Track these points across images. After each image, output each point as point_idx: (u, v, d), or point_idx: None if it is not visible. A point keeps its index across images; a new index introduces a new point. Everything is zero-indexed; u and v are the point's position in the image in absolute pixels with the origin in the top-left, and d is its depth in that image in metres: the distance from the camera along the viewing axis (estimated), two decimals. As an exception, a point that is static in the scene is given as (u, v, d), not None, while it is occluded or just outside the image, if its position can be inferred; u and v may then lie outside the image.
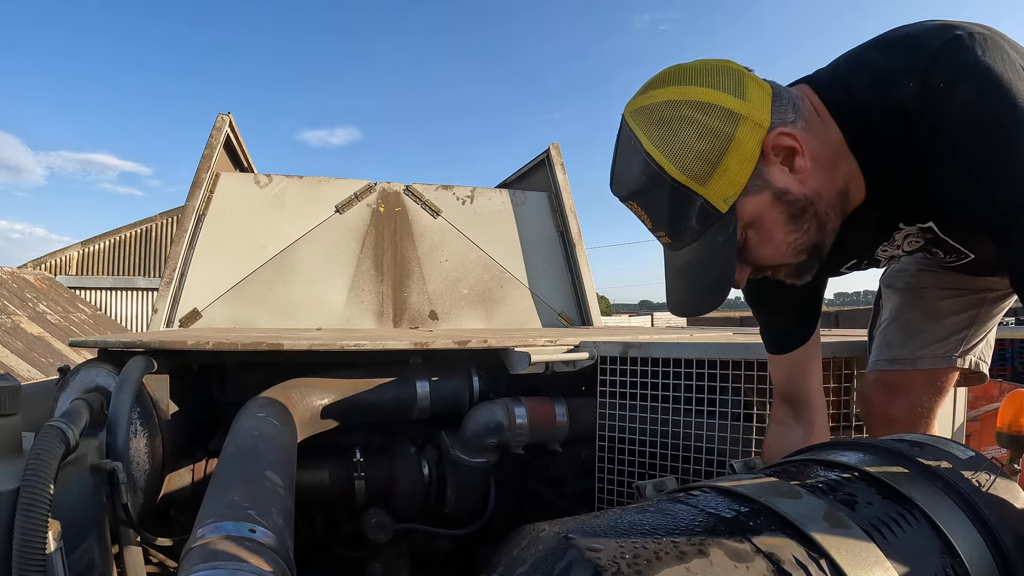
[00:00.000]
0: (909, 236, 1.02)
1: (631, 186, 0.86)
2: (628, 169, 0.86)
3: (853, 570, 0.60)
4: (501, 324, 3.19)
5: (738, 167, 0.82)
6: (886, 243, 1.04)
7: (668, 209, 0.84)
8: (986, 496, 0.76)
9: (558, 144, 3.61)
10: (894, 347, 1.33)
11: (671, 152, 0.81)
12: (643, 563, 0.55)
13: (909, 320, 1.33)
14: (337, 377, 1.57)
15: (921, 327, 1.31)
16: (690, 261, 0.88)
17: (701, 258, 0.86)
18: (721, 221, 0.84)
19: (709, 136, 0.80)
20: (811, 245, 0.91)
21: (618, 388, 1.52)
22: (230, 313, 2.87)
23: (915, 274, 1.36)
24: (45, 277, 8.65)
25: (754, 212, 0.85)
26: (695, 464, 1.40)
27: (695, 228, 0.84)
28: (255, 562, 0.69)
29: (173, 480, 1.45)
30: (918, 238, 1.03)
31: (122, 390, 1.28)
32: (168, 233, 13.91)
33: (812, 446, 0.96)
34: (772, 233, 0.87)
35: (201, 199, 2.99)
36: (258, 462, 1.01)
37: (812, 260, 0.93)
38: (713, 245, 0.85)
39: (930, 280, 1.33)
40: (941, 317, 1.31)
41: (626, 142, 0.86)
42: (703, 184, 0.82)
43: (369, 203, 3.28)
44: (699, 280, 0.89)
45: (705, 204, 0.83)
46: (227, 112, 3.31)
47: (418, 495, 1.62)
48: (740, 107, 0.81)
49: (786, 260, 0.91)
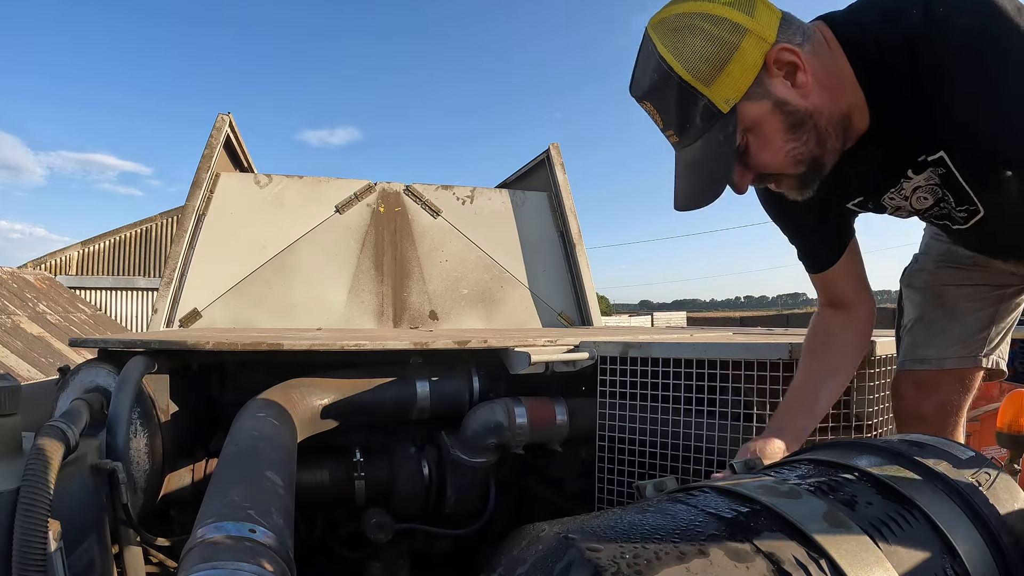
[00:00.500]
0: (918, 189, 1.08)
1: (645, 86, 0.95)
2: (644, 72, 0.95)
3: (853, 570, 0.60)
4: (501, 324, 3.19)
5: (740, 73, 0.90)
6: (893, 190, 1.10)
7: (676, 107, 0.93)
8: (986, 496, 0.76)
9: (558, 144, 3.61)
10: (920, 347, 1.39)
11: (681, 55, 0.90)
12: (643, 563, 0.55)
13: (932, 320, 1.39)
14: (337, 377, 1.57)
15: (944, 326, 1.37)
16: (695, 158, 0.96)
17: (705, 155, 0.95)
18: (722, 121, 0.92)
19: (715, 43, 0.89)
20: (810, 158, 0.97)
21: (618, 388, 1.52)
22: (230, 313, 2.87)
23: (934, 272, 1.41)
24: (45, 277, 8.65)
25: (754, 117, 0.93)
26: (695, 464, 1.40)
27: (699, 126, 0.93)
28: (255, 562, 0.69)
29: (173, 480, 1.45)
30: (927, 193, 1.08)
31: (122, 390, 1.28)
32: (168, 233, 13.92)
33: (812, 446, 0.96)
34: (771, 139, 0.95)
35: (201, 199, 2.99)
36: (258, 462, 1.01)
37: (812, 174, 1.00)
38: (715, 142, 0.93)
39: (948, 277, 1.38)
40: (962, 316, 1.36)
41: (645, 49, 0.95)
42: (707, 85, 0.90)
43: (369, 203, 3.27)
44: (702, 175, 0.96)
45: (708, 104, 0.91)
46: (227, 112, 3.31)
47: (418, 495, 1.62)
48: (747, 22, 0.90)
49: (785, 169, 0.98)
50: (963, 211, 1.09)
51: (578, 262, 3.34)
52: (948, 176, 1.03)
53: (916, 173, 1.06)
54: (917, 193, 1.09)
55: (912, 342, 1.40)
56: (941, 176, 1.04)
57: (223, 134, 3.20)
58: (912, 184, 1.08)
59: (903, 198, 1.11)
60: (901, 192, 1.10)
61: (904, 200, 1.11)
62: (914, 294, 1.44)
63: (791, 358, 1.32)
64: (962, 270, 1.37)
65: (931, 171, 1.04)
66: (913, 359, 1.39)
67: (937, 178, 1.05)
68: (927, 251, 1.46)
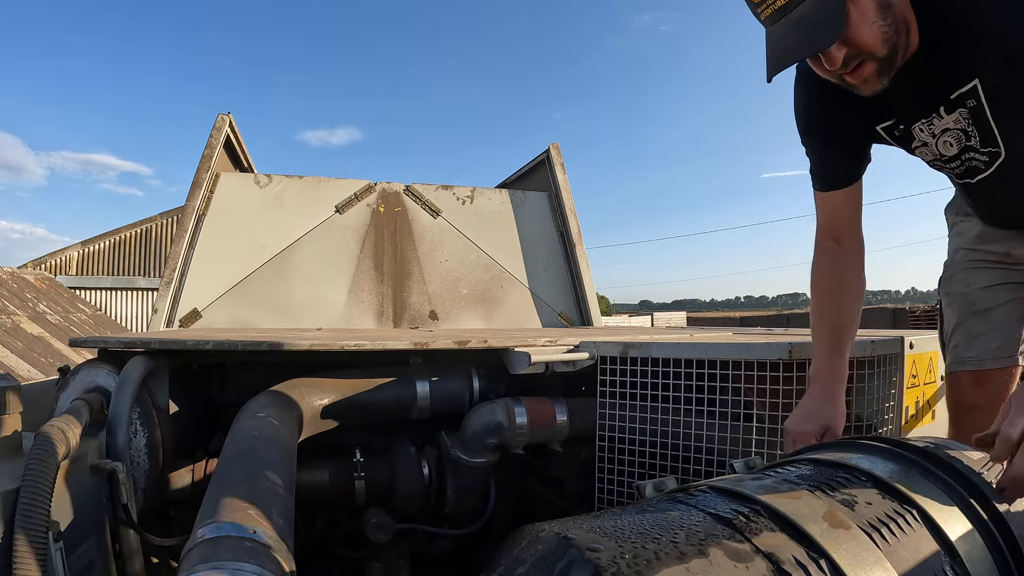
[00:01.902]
0: (947, 131, 1.18)
1: None
2: None
3: (853, 570, 0.60)
4: (501, 324, 3.19)
5: None
6: (924, 121, 1.20)
7: None
8: (986, 496, 0.76)
9: (558, 144, 3.61)
10: (962, 350, 1.54)
11: None
12: (643, 563, 0.55)
13: (969, 327, 1.53)
14: (337, 377, 1.57)
15: (980, 331, 1.51)
16: (804, 13, 1.01)
17: (816, 5, 0.99)
18: None
19: None
20: (892, 43, 1.05)
21: (618, 388, 1.52)
22: (230, 313, 2.87)
23: (964, 277, 1.55)
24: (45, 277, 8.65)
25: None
26: (695, 464, 1.40)
27: None
28: (255, 562, 0.69)
29: (173, 480, 1.45)
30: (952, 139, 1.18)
31: (122, 390, 1.28)
32: (168, 233, 13.91)
33: (812, 446, 0.96)
34: (867, 13, 1.02)
35: (201, 199, 2.99)
36: (258, 462, 1.01)
37: (889, 62, 1.07)
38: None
39: (977, 280, 1.52)
40: (996, 320, 1.50)
41: None
42: None
43: (369, 203, 3.27)
44: (814, 23, 1.01)
45: None
46: (227, 112, 3.31)
47: (418, 495, 1.62)
48: None
49: (875, 47, 1.05)
50: (985, 155, 1.19)
51: (578, 262, 3.34)
52: (978, 111, 1.12)
53: (947, 112, 1.15)
54: (944, 136, 1.19)
55: (956, 345, 1.55)
56: (971, 111, 1.13)
57: (223, 134, 3.20)
58: (942, 124, 1.17)
59: (931, 135, 1.20)
60: (931, 128, 1.19)
61: (932, 137, 1.21)
62: (952, 302, 1.58)
63: (791, 358, 1.32)
64: (988, 271, 1.51)
65: (961, 112, 1.14)
66: (957, 361, 1.54)
67: (967, 116, 1.14)
68: (954, 258, 1.59)
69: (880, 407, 1.44)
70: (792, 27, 1.02)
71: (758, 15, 1.07)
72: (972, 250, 1.55)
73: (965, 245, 1.56)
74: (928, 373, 1.62)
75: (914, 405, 1.56)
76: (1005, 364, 1.48)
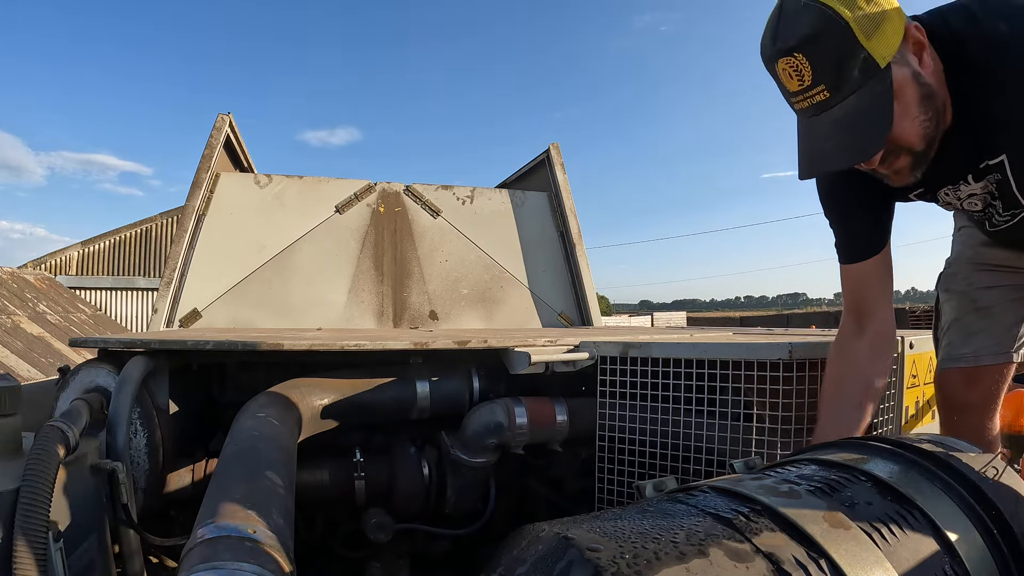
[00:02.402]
0: (973, 196, 1.17)
1: (799, 35, 0.94)
2: (797, 23, 0.95)
3: (853, 570, 0.60)
4: (501, 324, 3.19)
5: (892, 35, 0.95)
6: (951, 187, 1.18)
7: (835, 58, 0.94)
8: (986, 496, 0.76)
9: (558, 144, 3.61)
10: (956, 346, 1.50)
11: (846, 5, 0.93)
12: (643, 563, 0.55)
13: (968, 322, 1.50)
14: (337, 377, 1.57)
15: (978, 327, 1.48)
16: (848, 113, 0.96)
17: (860, 109, 0.95)
18: (880, 75, 0.95)
19: (873, 3, 0.94)
20: (931, 137, 1.03)
21: (618, 388, 1.52)
22: (230, 313, 2.87)
23: (967, 276, 1.52)
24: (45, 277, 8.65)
25: (899, 81, 0.97)
26: (695, 464, 1.40)
27: (857, 78, 0.95)
28: (255, 562, 0.69)
29: (173, 480, 1.45)
30: (979, 200, 1.17)
31: (122, 390, 1.28)
32: (168, 233, 13.91)
33: (812, 446, 0.96)
34: (909, 108, 0.99)
35: (201, 199, 2.99)
36: (258, 462, 1.01)
37: (924, 156, 1.05)
38: (872, 96, 0.96)
39: (981, 280, 1.50)
40: (996, 317, 1.47)
41: (793, 4, 0.96)
42: (868, 39, 0.93)
43: (369, 203, 3.28)
44: (858, 128, 0.96)
45: (868, 57, 0.94)
46: (227, 112, 3.31)
47: (418, 495, 1.62)
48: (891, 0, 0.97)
49: (914, 142, 1.02)
50: (1008, 215, 1.18)
51: (578, 262, 3.34)
52: (1003, 184, 1.10)
53: (975, 180, 1.13)
54: (970, 199, 1.17)
55: (950, 342, 1.51)
56: (997, 183, 1.11)
57: (223, 134, 3.20)
58: (968, 190, 1.15)
59: (956, 198, 1.19)
60: (956, 193, 1.17)
61: (957, 200, 1.19)
62: (951, 298, 1.55)
63: (791, 358, 1.32)
64: (994, 272, 1.49)
65: (988, 179, 1.11)
66: (951, 358, 1.50)
67: (993, 185, 1.12)
68: (959, 257, 1.57)
69: (880, 407, 1.44)
70: (833, 129, 0.97)
71: (792, 104, 1.01)
72: (979, 251, 1.53)
73: (972, 246, 1.55)
74: (928, 373, 1.62)
75: (914, 405, 1.56)
76: (1000, 360, 1.47)
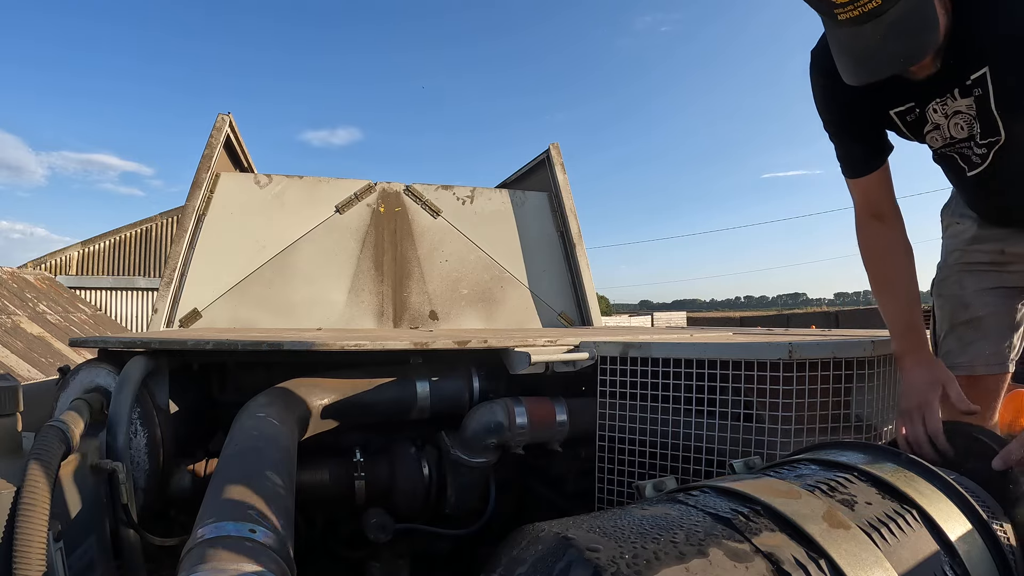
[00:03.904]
0: (959, 114, 1.22)
1: None
2: None
3: (852, 570, 0.60)
4: (501, 324, 3.19)
5: None
6: (939, 101, 1.22)
7: None
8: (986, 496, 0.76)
9: (558, 144, 3.61)
10: (953, 355, 1.55)
11: None
12: (643, 563, 0.55)
13: (962, 334, 1.55)
14: (337, 377, 1.57)
15: (972, 338, 1.53)
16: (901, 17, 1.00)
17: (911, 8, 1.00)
18: None
19: None
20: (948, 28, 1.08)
21: (618, 388, 1.52)
22: (230, 313, 2.87)
23: (957, 279, 1.57)
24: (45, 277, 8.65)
25: None
26: (695, 464, 1.40)
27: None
28: (255, 562, 0.69)
29: (173, 480, 1.45)
30: (963, 122, 1.22)
31: (122, 390, 1.28)
32: (168, 233, 13.91)
33: (812, 446, 0.96)
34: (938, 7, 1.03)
35: (201, 199, 2.99)
36: (258, 462, 1.01)
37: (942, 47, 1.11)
38: None
39: (970, 283, 1.54)
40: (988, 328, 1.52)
41: None
42: None
43: (369, 203, 3.28)
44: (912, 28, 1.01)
45: None
46: (227, 112, 3.31)
47: (418, 495, 1.62)
48: None
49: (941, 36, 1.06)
50: (985, 144, 1.23)
51: (578, 262, 3.34)
52: (983, 102, 1.16)
53: (962, 96, 1.18)
54: (956, 118, 1.22)
55: (948, 350, 1.56)
56: (978, 100, 1.16)
57: (223, 134, 3.20)
58: (955, 106, 1.20)
59: (944, 115, 1.24)
60: (944, 108, 1.22)
61: (944, 119, 1.24)
62: (944, 303, 1.60)
63: (791, 358, 1.32)
64: (981, 274, 1.53)
65: (973, 98, 1.17)
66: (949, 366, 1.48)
67: (975, 106, 1.17)
68: (947, 260, 1.61)
69: (879, 407, 1.44)
70: (890, 31, 1.01)
71: (836, 15, 1.04)
72: (966, 251, 1.56)
73: (959, 247, 1.58)
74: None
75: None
76: (996, 371, 1.51)
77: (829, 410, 1.28)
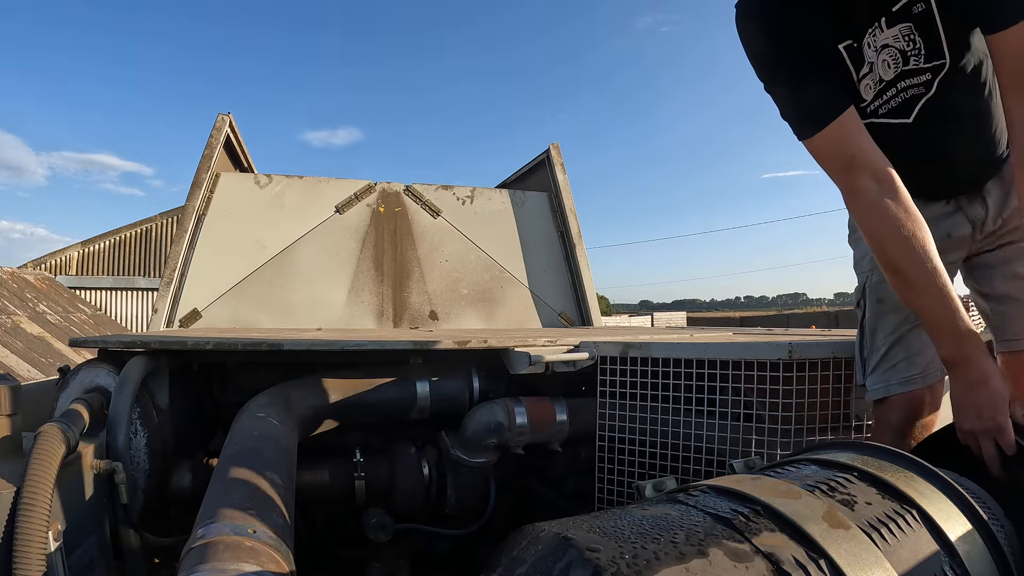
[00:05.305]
0: (887, 48, 1.17)
1: None
2: None
3: (852, 570, 0.60)
4: (501, 324, 3.19)
5: None
6: (870, 32, 1.17)
7: None
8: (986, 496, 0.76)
9: (558, 144, 3.61)
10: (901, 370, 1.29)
11: None
12: (643, 563, 0.55)
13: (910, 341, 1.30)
14: (337, 377, 1.57)
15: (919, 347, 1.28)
16: None
17: None
18: None
19: None
20: None
21: (618, 388, 1.52)
22: (230, 313, 2.87)
23: None
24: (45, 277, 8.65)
25: None
26: (695, 464, 1.40)
27: None
28: (255, 562, 0.69)
29: (173, 480, 1.45)
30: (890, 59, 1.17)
31: (122, 390, 1.28)
32: (168, 233, 13.91)
33: (812, 446, 0.96)
34: None
35: (201, 199, 2.99)
36: (258, 462, 1.01)
37: None
38: None
39: None
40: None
41: None
42: None
43: (369, 203, 3.28)
44: None
45: None
46: (227, 112, 3.31)
47: (418, 495, 1.62)
48: None
49: None
50: (930, 69, 1.16)
51: (578, 262, 3.34)
52: (927, 18, 1.11)
53: (888, 26, 1.15)
54: (883, 54, 1.17)
55: (892, 365, 1.30)
56: (921, 16, 1.12)
57: (223, 134, 3.20)
58: (883, 38, 1.16)
59: (874, 50, 1.18)
60: (874, 41, 1.18)
61: (875, 54, 1.19)
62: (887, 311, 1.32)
63: (791, 358, 1.32)
64: None
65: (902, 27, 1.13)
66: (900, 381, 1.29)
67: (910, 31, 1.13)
68: None
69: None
70: None
71: None
72: None
73: None
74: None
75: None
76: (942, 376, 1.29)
77: (829, 410, 1.28)
